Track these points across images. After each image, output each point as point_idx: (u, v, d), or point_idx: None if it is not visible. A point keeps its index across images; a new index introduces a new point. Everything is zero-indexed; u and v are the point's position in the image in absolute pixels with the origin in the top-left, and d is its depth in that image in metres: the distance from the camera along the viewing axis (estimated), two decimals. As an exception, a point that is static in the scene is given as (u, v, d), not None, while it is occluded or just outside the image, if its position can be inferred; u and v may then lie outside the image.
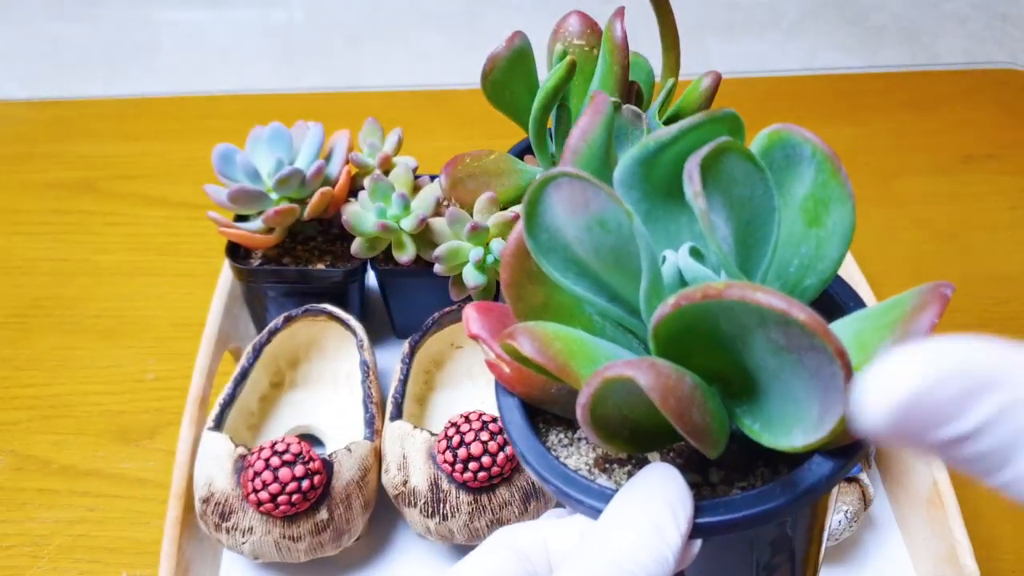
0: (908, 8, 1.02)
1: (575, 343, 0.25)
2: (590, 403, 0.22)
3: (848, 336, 0.24)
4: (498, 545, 0.25)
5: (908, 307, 0.22)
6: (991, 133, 0.82)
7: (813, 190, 0.25)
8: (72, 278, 0.71)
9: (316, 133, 0.57)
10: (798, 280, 0.26)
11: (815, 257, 0.25)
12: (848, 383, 0.20)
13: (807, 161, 0.24)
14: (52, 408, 0.62)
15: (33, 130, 0.85)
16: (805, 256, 0.25)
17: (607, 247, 0.24)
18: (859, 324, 0.24)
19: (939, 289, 0.22)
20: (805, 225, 0.25)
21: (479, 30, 1.00)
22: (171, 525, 0.49)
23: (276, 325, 0.56)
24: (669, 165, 0.24)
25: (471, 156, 0.53)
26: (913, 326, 0.21)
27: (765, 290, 0.20)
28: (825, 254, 0.25)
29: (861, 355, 0.22)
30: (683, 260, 0.25)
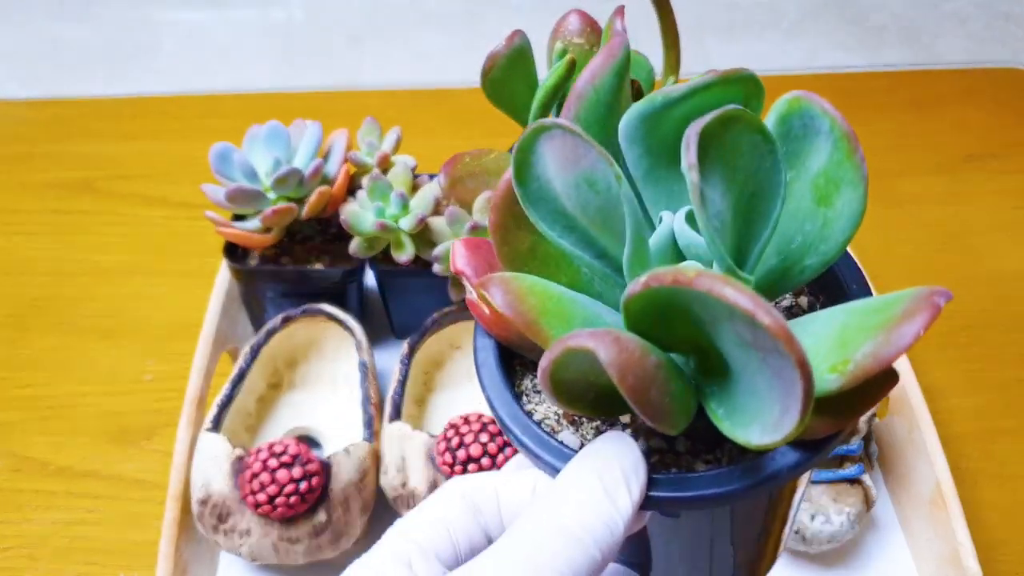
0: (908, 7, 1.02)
1: (550, 300, 0.24)
2: (550, 368, 0.22)
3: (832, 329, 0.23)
4: (451, 495, 0.25)
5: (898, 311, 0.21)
6: (992, 133, 0.82)
7: (827, 167, 0.23)
8: (71, 278, 0.71)
9: (314, 132, 0.57)
10: (799, 257, 0.25)
11: (819, 237, 0.24)
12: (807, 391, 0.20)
13: (824, 135, 0.23)
14: (50, 409, 0.62)
15: (32, 130, 0.85)
16: (809, 234, 0.24)
17: (594, 206, 0.23)
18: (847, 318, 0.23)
19: (932, 298, 0.21)
20: (814, 202, 0.24)
21: (479, 29, 1.00)
22: (168, 527, 0.49)
23: (274, 325, 0.56)
24: (675, 124, 0.23)
25: (470, 155, 0.53)
26: (897, 334, 0.21)
27: (735, 285, 0.19)
28: (830, 235, 0.24)
29: (840, 352, 0.21)
30: (678, 224, 0.24)
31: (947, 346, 0.64)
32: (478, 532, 0.25)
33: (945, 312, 0.65)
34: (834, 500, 0.50)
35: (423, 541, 0.24)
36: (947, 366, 0.63)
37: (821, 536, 0.49)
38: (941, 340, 0.65)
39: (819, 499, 0.50)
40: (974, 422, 0.60)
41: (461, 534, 0.24)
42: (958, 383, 0.62)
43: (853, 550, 0.53)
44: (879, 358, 0.21)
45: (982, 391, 0.62)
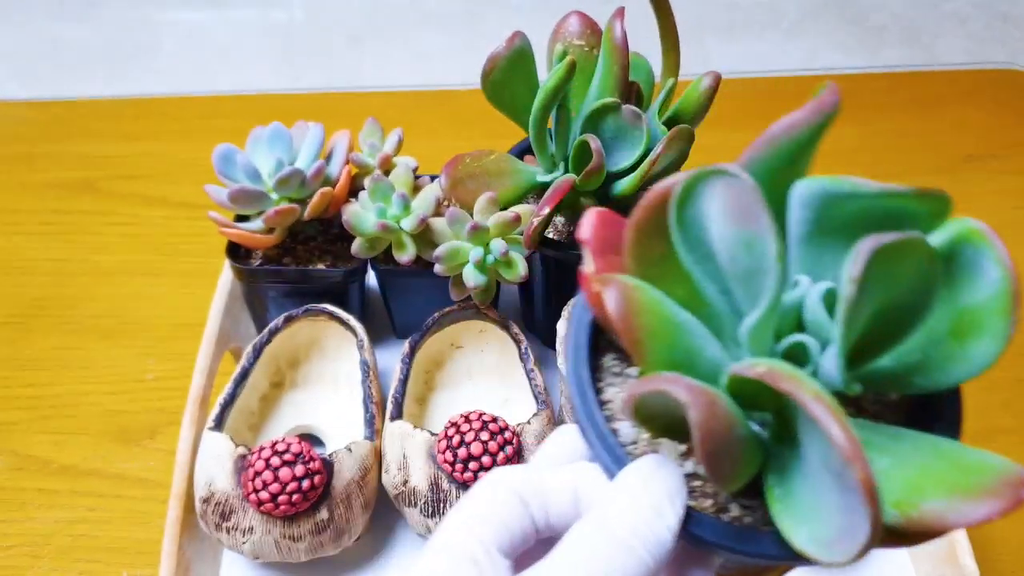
0: (908, 8, 1.02)
1: (661, 323, 0.24)
2: (638, 398, 0.23)
3: (913, 462, 0.23)
4: (503, 489, 0.26)
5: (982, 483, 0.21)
6: (992, 133, 0.82)
7: (976, 309, 0.23)
8: (72, 278, 0.71)
9: (316, 133, 0.57)
10: (910, 372, 0.25)
11: (937, 367, 0.24)
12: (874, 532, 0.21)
13: (990, 281, 0.23)
14: (52, 408, 0.62)
15: (33, 130, 0.85)
16: (930, 359, 0.24)
17: (743, 265, 0.24)
18: (931, 459, 0.23)
19: (1019, 488, 0.21)
20: (949, 332, 0.24)
21: (479, 30, 1.00)
22: (171, 525, 0.49)
23: (276, 325, 0.56)
24: (853, 210, 0.23)
25: (471, 156, 0.53)
26: (971, 507, 0.21)
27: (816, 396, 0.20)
28: (948, 370, 0.24)
29: (910, 493, 0.22)
30: (812, 299, 0.24)
31: (945, 346, 0.65)
32: (529, 524, 0.26)
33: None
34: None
35: (485, 537, 0.25)
36: (945, 365, 0.63)
37: (820, 535, 0.50)
38: (939, 340, 0.65)
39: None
40: (973, 421, 0.60)
41: (516, 525, 0.25)
42: (956, 382, 0.62)
43: (852, 548, 0.53)
44: (944, 521, 0.21)
45: (980, 391, 0.62)
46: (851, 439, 0.20)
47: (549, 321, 0.57)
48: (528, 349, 0.55)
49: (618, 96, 0.49)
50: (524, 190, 0.54)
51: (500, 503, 0.25)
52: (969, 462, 0.22)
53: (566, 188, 0.49)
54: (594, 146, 0.48)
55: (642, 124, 0.49)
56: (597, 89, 0.49)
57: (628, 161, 0.49)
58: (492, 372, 0.59)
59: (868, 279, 0.21)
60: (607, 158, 0.49)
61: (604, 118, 0.49)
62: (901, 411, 0.28)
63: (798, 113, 0.24)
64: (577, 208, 0.54)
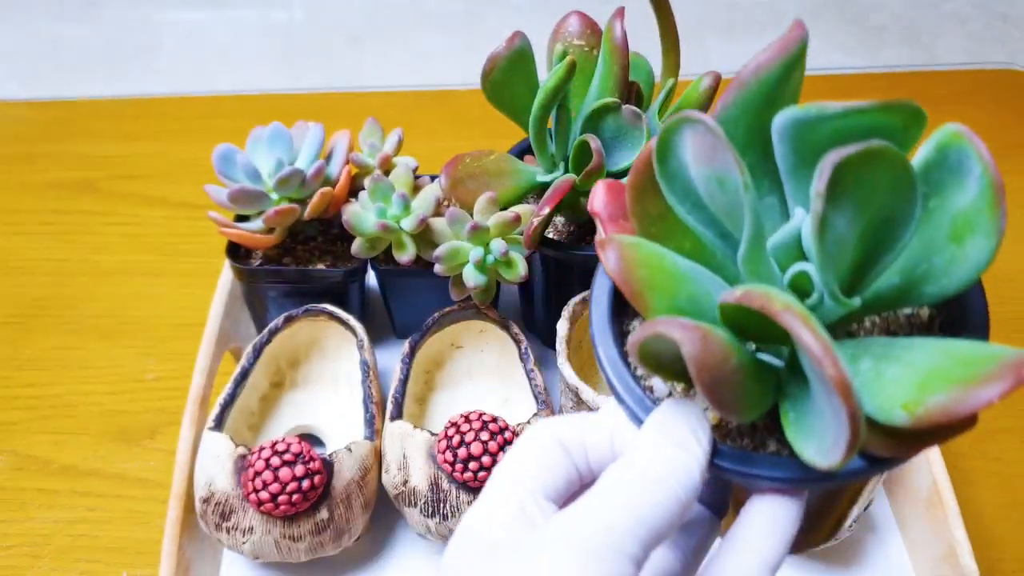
0: (908, 8, 1.02)
1: (660, 274, 0.26)
2: (639, 344, 0.24)
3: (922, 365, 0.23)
4: (548, 439, 0.28)
5: (982, 371, 0.22)
6: (991, 133, 0.82)
7: (967, 209, 0.24)
8: (72, 278, 0.71)
9: (316, 133, 0.57)
10: (920, 282, 0.25)
11: (943, 271, 0.25)
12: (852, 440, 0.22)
13: (974, 179, 0.24)
14: (52, 408, 0.62)
15: (33, 130, 0.85)
16: (935, 265, 0.25)
17: (722, 201, 0.25)
18: (939, 359, 0.23)
19: (1020, 369, 0.21)
20: (947, 236, 0.25)
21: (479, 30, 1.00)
22: (171, 525, 0.49)
23: (276, 325, 0.56)
24: (826, 135, 0.24)
25: (471, 156, 0.53)
26: (972, 394, 0.21)
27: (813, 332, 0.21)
28: (953, 273, 0.25)
29: (917, 393, 0.22)
30: (805, 227, 0.25)
31: (945, 346, 0.65)
32: (573, 470, 0.27)
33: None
34: (832, 499, 0.50)
35: (531, 485, 0.26)
36: (945, 365, 0.63)
37: (820, 534, 0.50)
38: (939, 340, 0.65)
39: (818, 498, 0.50)
40: (972, 421, 0.60)
41: (560, 472, 0.27)
42: (956, 382, 0.62)
43: (850, 549, 0.53)
44: (948, 411, 0.21)
45: (980, 390, 0.62)
46: (820, 342, 0.21)
47: (549, 321, 0.57)
48: (528, 349, 0.55)
49: (618, 96, 0.49)
50: (524, 190, 0.54)
51: (544, 452, 0.27)
52: (975, 355, 0.23)
53: (566, 188, 0.49)
54: (594, 146, 0.48)
55: (642, 124, 0.49)
56: (597, 89, 0.50)
57: (628, 161, 0.50)
58: (492, 372, 0.59)
59: (836, 193, 0.22)
60: (607, 158, 0.49)
61: (604, 118, 0.49)
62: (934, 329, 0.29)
63: (764, 53, 0.25)
64: (577, 208, 0.54)
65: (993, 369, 0.22)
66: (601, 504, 0.24)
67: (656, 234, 0.28)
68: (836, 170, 0.21)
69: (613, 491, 0.25)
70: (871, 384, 0.24)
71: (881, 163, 0.22)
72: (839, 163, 0.21)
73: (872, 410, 0.23)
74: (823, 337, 0.21)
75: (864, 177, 0.22)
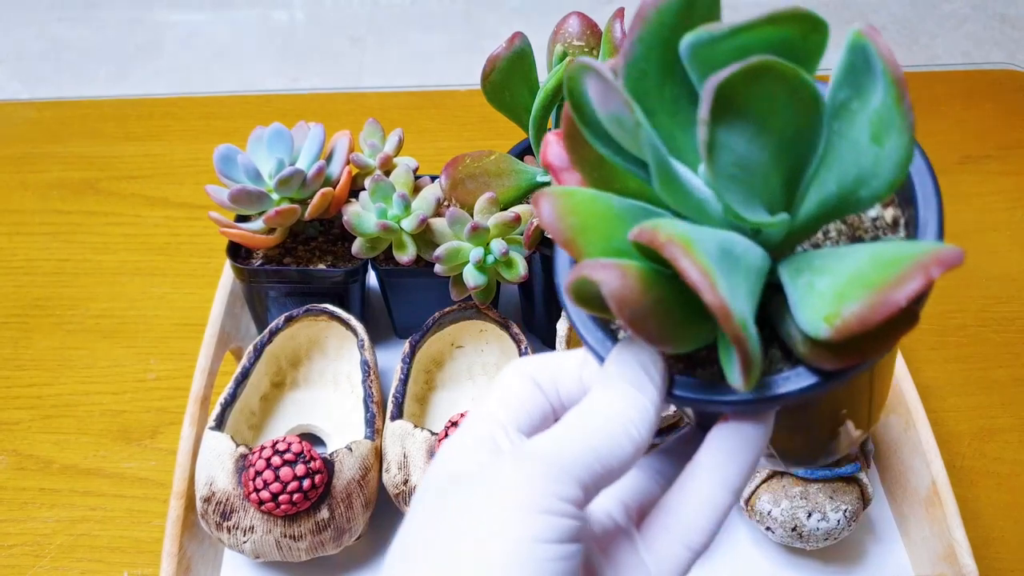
0: (907, 9, 1.02)
1: (594, 218, 0.26)
2: (570, 289, 0.25)
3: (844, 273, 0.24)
4: (522, 375, 0.29)
5: (894, 274, 0.22)
6: (990, 134, 0.83)
7: (879, 108, 0.24)
8: (74, 278, 0.71)
9: (317, 134, 0.57)
10: (854, 188, 0.25)
11: (871, 173, 0.25)
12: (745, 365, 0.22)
13: (879, 77, 0.23)
14: (54, 408, 0.62)
15: (35, 131, 0.85)
16: (864, 168, 0.25)
17: (627, 141, 0.25)
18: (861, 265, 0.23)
19: (929, 266, 0.21)
20: (870, 138, 0.24)
21: (479, 31, 1.00)
22: (172, 524, 0.49)
23: (277, 325, 0.56)
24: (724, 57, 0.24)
25: (471, 157, 0.53)
26: (883, 299, 0.21)
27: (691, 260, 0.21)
28: (880, 173, 0.24)
29: (836, 304, 0.22)
30: None
31: (943, 345, 0.65)
32: (546, 405, 0.29)
33: (942, 312, 0.66)
34: (830, 498, 0.50)
35: (504, 419, 0.28)
36: (943, 365, 0.64)
37: (817, 533, 0.50)
38: (937, 339, 0.65)
39: (815, 497, 0.50)
40: (970, 421, 0.61)
41: (532, 407, 0.28)
42: (954, 382, 0.63)
43: (849, 548, 0.53)
44: (863, 320, 0.21)
45: (978, 390, 0.63)
46: (698, 268, 0.21)
47: (549, 321, 0.58)
48: (528, 349, 0.56)
49: (617, 97, 0.49)
50: (524, 190, 0.54)
51: (517, 388, 0.29)
52: (894, 257, 0.23)
53: (566, 188, 0.49)
54: (594, 147, 0.48)
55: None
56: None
57: (627, 162, 0.50)
58: (492, 372, 0.59)
59: (728, 115, 0.22)
60: (606, 159, 0.49)
61: (603, 119, 0.49)
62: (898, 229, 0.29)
63: None
64: (577, 208, 0.54)
65: (906, 269, 0.21)
66: (558, 435, 0.26)
67: (599, 179, 0.28)
68: (720, 92, 0.21)
69: (571, 426, 0.26)
70: (804, 298, 0.24)
71: (770, 78, 0.22)
72: (720, 85, 0.21)
73: (803, 325, 0.23)
74: (701, 264, 0.21)
75: (755, 95, 0.22)
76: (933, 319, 0.66)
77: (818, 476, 0.50)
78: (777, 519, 0.50)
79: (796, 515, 0.50)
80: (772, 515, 0.51)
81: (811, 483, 0.51)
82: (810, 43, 0.24)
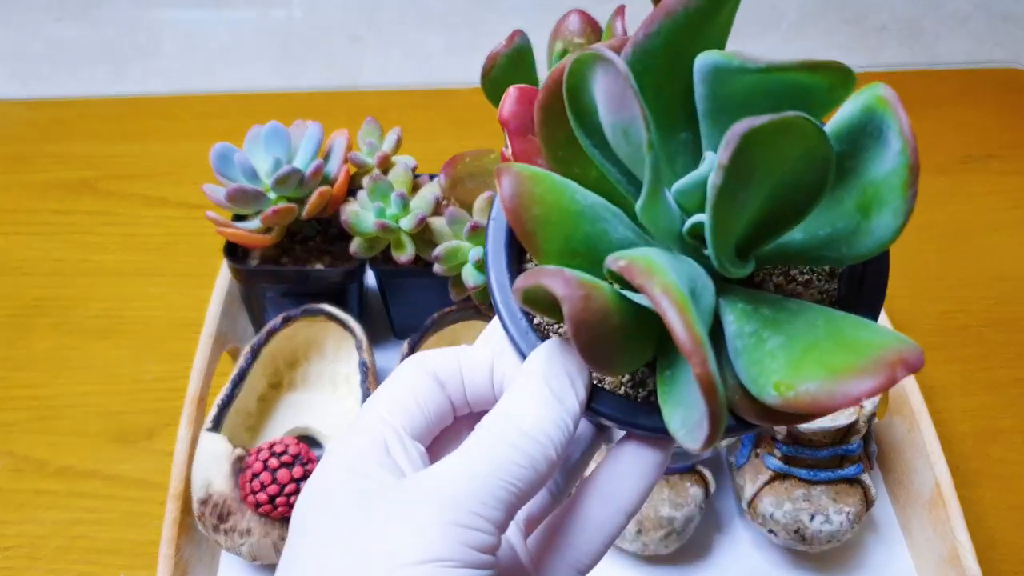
0: (909, 8, 1.02)
1: (556, 213, 0.25)
2: (522, 293, 0.23)
3: (802, 341, 0.23)
4: (419, 372, 0.27)
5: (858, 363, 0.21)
6: (992, 133, 0.82)
7: (880, 181, 0.23)
8: (70, 278, 0.71)
9: (314, 132, 0.57)
10: (820, 246, 0.25)
11: (844, 241, 0.24)
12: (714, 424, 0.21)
13: (892, 152, 0.22)
14: (50, 409, 0.62)
15: (33, 130, 0.85)
16: (838, 231, 0.24)
17: (625, 152, 0.24)
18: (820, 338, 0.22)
19: (895, 367, 0.20)
20: (855, 205, 0.23)
21: (479, 29, 1.00)
22: (169, 526, 0.49)
23: (274, 325, 0.56)
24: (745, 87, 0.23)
25: (470, 156, 0.53)
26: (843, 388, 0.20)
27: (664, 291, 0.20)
28: (854, 243, 0.23)
29: (790, 374, 0.21)
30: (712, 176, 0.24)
31: (947, 346, 0.64)
32: (446, 403, 0.27)
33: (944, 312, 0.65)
34: (833, 500, 0.50)
35: (398, 423, 0.25)
36: (947, 366, 0.63)
37: (820, 536, 0.50)
38: (941, 340, 0.65)
39: (818, 499, 0.50)
40: (974, 422, 0.60)
41: (432, 406, 0.26)
42: (958, 383, 0.62)
43: (853, 550, 0.53)
44: (816, 403, 0.21)
45: (982, 391, 0.62)
46: (692, 337, 0.20)
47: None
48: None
49: (618, 95, 0.48)
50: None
51: (416, 386, 0.26)
52: (855, 340, 0.22)
53: (566, 188, 0.49)
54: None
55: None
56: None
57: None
58: (491, 373, 0.58)
59: (741, 164, 0.21)
60: (607, 157, 0.49)
61: (604, 117, 0.49)
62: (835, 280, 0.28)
63: None
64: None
65: (869, 363, 0.21)
66: (464, 465, 0.23)
67: (563, 158, 0.27)
68: (743, 141, 0.20)
69: (480, 450, 0.24)
70: (750, 351, 0.23)
71: (792, 135, 0.21)
72: (747, 134, 0.20)
73: (746, 381, 0.23)
74: (695, 331, 0.20)
75: (773, 149, 0.21)
76: (936, 320, 0.66)
77: (821, 478, 0.50)
78: (780, 521, 0.50)
79: (799, 517, 0.50)
80: (775, 517, 0.50)
81: (814, 485, 0.50)
82: (835, 96, 0.23)
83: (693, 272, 0.24)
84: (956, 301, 0.67)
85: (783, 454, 0.50)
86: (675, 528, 0.50)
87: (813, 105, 0.22)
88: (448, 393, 0.27)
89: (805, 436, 0.49)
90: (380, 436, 0.25)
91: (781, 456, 0.50)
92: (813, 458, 0.50)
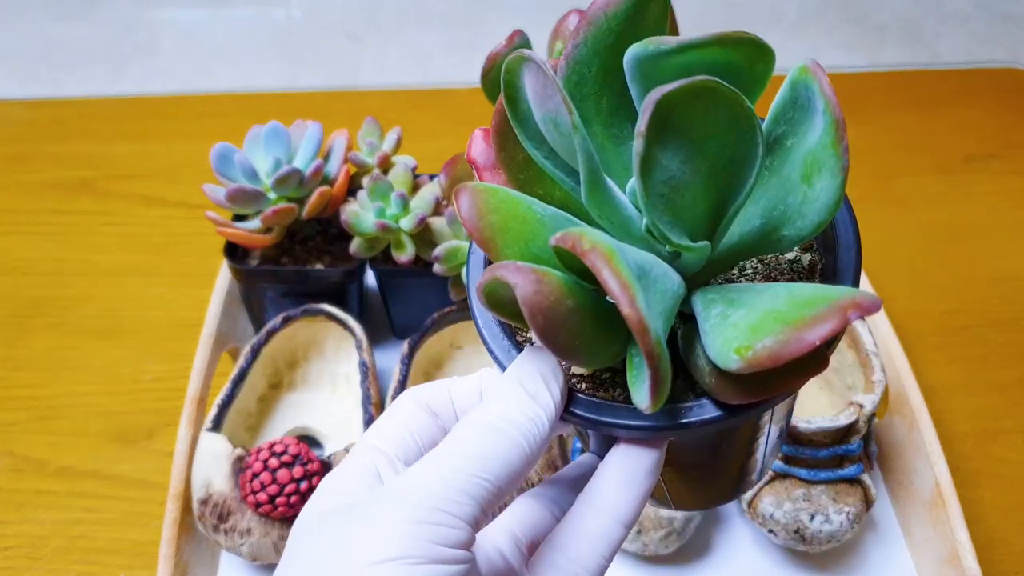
0: (909, 7, 1.02)
1: (515, 220, 0.25)
2: (482, 290, 0.24)
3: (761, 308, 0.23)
4: (410, 404, 0.27)
5: (810, 313, 0.21)
6: (992, 133, 0.82)
7: (815, 147, 0.23)
8: (70, 278, 0.71)
9: (314, 132, 0.57)
10: (778, 225, 0.25)
11: (797, 212, 0.24)
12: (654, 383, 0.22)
13: (819, 115, 0.23)
14: (50, 409, 0.62)
15: (32, 130, 0.84)
16: (790, 207, 0.24)
17: (560, 144, 0.24)
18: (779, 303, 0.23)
19: (846, 309, 0.21)
20: (800, 177, 0.24)
21: (479, 29, 0.99)
22: (169, 526, 0.49)
23: (274, 325, 0.56)
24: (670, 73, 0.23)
25: (470, 156, 0.53)
26: (797, 337, 0.21)
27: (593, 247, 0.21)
28: (806, 214, 0.24)
29: (750, 336, 0.22)
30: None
31: (947, 346, 0.64)
32: (439, 433, 0.27)
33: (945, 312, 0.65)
34: (833, 500, 0.50)
35: (390, 450, 0.26)
36: (947, 366, 0.63)
37: (820, 536, 0.50)
38: (941, 340, 0.65)
39: (818, 499, 0.50)
40: (974, 422, 0.60)
41: (424, 436, 0.27)
42: (958, 383, 0.62)
43: (853, 550, 0.53)
44: (775, 356, 0.21)
45: (982, 391, 0.62)
46: (619, 278, 0.21)
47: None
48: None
49: (618, 95, 0.48)
50: (524, 190, 0.53)
51: (409, 418, 0.27)
52: (812, 297, 0.22)
53: (566, 188, 0.49)
54: (594, 145, 0.47)
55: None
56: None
57: (628, 160, 0.49)
58: (491, 373, 0.58)
59: (665, 133, 0.21)
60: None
61: (604, 117, 0.48)
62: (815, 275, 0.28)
63: None
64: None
65: (822, 310, 0.21)
66: (440, 460, 0.24)
67: (524, 181, 0.27)
68: (660, 108, 0.20)
69: (456, 445, 0.24)
70: (716, 328, 0.23)
71: (712, 100, 0.21)
72: (661, 100, 0.20)
73: (713, 356, 0.23)
74: (623, 275, 0.21)
75: (695, 115, 0.21)
76: (937, 320, 0.66)
77: (821, 478, 0.50)
78: (780, 521, 0.50)
79: (799, 517, 0.50)
80: (775, 517, 0.50)
81: (814, 485, 0.50)
82: (756, 71, 0.23)
83: (649, 260, 0.24)
84: (956, 301, 0.67)
85: (783, 454, 0.50)
86: (675, 528, 0.50)
87: (741, 85, 0.22)
88: (441, 423, 0.27)
89: (805, 436, 0.49)
90: (371, 462, 0.26)
91: (781, 456, 0.50)
92: (813, 458, 0.50)
